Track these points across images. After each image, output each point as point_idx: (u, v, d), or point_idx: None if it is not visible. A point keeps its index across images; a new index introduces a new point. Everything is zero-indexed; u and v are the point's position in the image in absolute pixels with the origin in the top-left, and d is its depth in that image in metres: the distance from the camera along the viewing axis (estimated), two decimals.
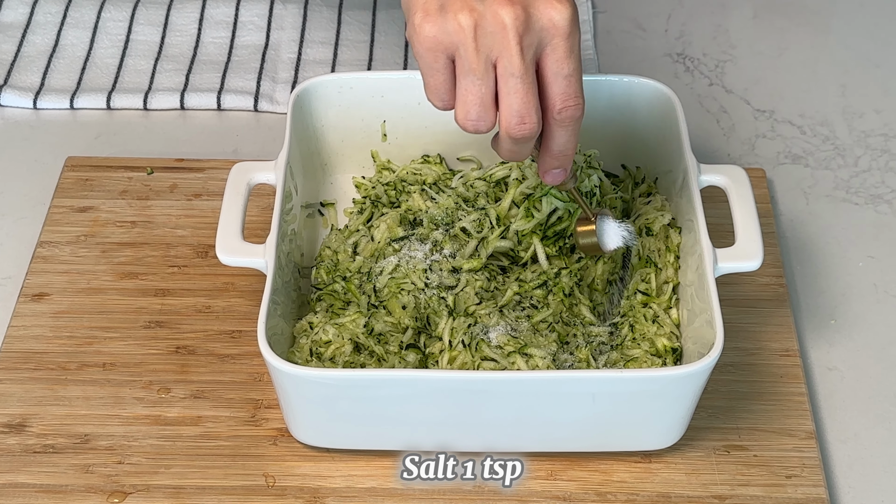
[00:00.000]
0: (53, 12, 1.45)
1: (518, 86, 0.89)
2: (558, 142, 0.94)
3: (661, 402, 1.01)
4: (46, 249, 1.20)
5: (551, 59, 0.90)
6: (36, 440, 1.07)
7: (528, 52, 0.89)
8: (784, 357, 1.13)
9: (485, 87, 0.90)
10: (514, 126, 0.91)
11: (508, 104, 0.90)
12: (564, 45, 0.90)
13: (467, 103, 0.91)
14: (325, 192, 1.23)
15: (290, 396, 1.01)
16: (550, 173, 0.97)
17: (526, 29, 0.88)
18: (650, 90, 1.17)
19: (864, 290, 1.20)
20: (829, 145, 1.34)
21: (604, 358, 1.07)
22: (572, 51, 0.90)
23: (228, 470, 1.05)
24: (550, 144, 0.95)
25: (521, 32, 0.88)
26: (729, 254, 1.05)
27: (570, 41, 0.90)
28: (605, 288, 1.13)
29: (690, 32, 1.46)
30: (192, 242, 1.21)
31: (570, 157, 0.96)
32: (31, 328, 1.14)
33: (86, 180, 1.26)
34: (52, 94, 1.36)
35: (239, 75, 1.39)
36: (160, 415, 1.08)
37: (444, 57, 0.90)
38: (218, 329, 1.14)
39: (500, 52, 0.89)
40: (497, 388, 0.98)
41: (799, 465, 1.06)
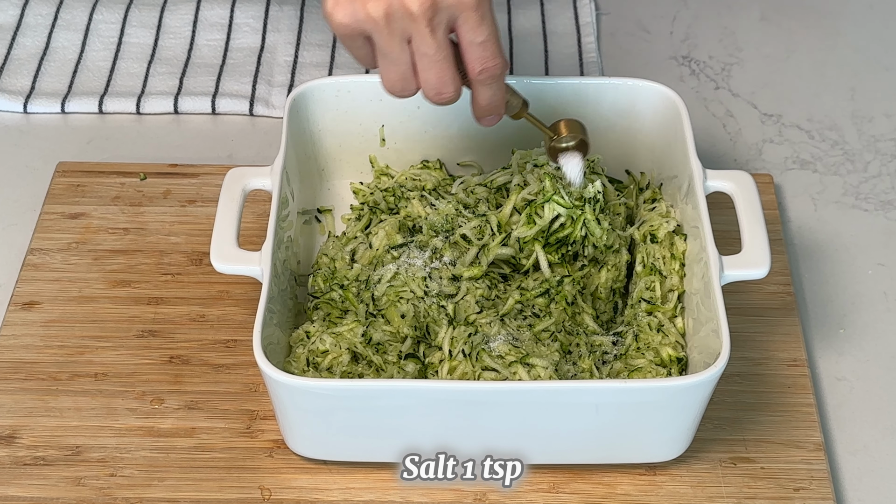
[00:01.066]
0: (44, 14, 1.45)
1: (431, 63, 0.98)
2: (485, 97, 1.03)
3: (666, 413, 1.01)
4: (37, 257, 1.20)
5: (464, 29, 0.98)
6: (26, 452, 1.06)
7: (439, 29, 0.97)
8: (792, 367, 1.12)
9: (402, 64, 0.99)
10: (433, 97, 1.00)
11: (425, 79, 0.99)
12: (474, 15, 0.97)
13: (390, 79, 1.00)
14: (322, 198, 1.23)
15: (286, 407, 1.01)
16: (485, 119, 1.05)
17: (434, 10, 0.96)
18: (655, 94, 1.17)
19: (873, 298, 1.20)
20: (838, 150, 1.34)
21: (607, 368, 1.07)
22: (483, 18, 0.98)
23: (223, 483, 1.05)
24: (479, 100, 1.03)
25: (430, 15, 0.96)
26: (735, 261, 1.05)
27: (479, 11, 0.97)
28: (608, 296, 1.12)
29: (696, 35, 1.46)
30: (186, 250, 1.21)
31: (501, 106, 1.04)
32: (21, 337, 1.14)
33: (77, 186, 1.26)
34: (42, 98, 1.36)
35: (234, 78, 1.39)
36: (153, 426, 1.08)
37: (360, 38, 0.98)
38: (212, 338, 1.14)
39: (411, 33, 0.97)
40: (498, 399, 0.98)
41: (807, 477, 1.05)
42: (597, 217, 1.10)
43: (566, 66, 1.41)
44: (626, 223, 1.16)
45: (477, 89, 1.02)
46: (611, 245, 1.11)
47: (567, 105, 1.18)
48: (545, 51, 1.42)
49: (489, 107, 1.04)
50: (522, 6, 1.47)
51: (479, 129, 1.18)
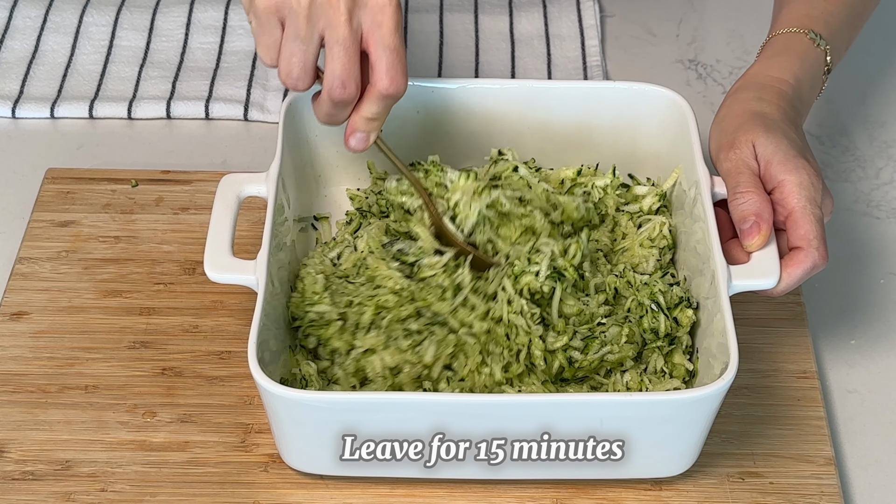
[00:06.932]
0: (33, 16, 1.45)
1: (342, 54, 1.02)
2: (373, 110, 1.06)
3: (673, 426, 1.01)
4: (26, 266, 1.20)
5: (378, 34, 1.02)
6: (14, 467, 1.07)
7: (355, 22, 1.02)
8: (801, 379, 1.13)
9: (309, 52, 1.02)
10: (335, 89, 1.03)
11: (332, 69, 1.02)
12: (390, 21, 1.02)
13: (291, 64, 1.03)
14: (318, 205, 1.23)
15: (281, 420, 1.01)
16: (356, 136, 1.08)
17: (354, 5, 1.01)
18: (661, 98, 1.18)
19: (885, 308, 1.21)
20: (849, 156, 1.34)
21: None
22: (398, 28, 1.03)
23: (217, 498, 1.05)
24: (364, 110, 1.06)
25: (351, 7, 1.01)
26: (743, 271, 1.05)
27: (395, 18, 1.02)
28: None
29: (703, 38, 1.47)
30: (178, 258, 1.21)
31: (379, 127, 1.08)
32: (9, 349, 1.14)
33: (67, 193, 1.26)
34: (31, 103, 1.36)
35: (228, 83, 1.39)
36: (145, 440, 1.09)
37: (276, 21, 1.02)
38: (206, 350, 1.15)
39: (328, 22, 1.01)
40: (500, 412, 0.99)
41: (817, 492, 1.06)
42: None
43: (569, 70, 1.41)
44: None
45: (372, 100, 1.05)
46: None
47: (570, 110, 1.19)
48: (548, 54, 1.43)
49: (371, 122, 1.06)
50: (524, 9, 1.48)
51: (477, 135, 1.19)
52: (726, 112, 1.13)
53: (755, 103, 1.12)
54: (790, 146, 1.08)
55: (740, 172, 1.08)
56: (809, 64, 1.16)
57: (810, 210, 1.06)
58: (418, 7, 1.48)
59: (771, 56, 1.17)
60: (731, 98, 1.15)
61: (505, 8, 1.48)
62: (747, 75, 1.16)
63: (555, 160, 1.22)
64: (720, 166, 1.10)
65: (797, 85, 1.15)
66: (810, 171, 1.07)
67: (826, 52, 1.17)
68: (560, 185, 1.19)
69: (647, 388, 1.07)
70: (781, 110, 1.12)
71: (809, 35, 1.16)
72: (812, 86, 1.17)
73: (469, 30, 1.46)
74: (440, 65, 1.42)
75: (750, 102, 1.12)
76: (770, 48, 1.18)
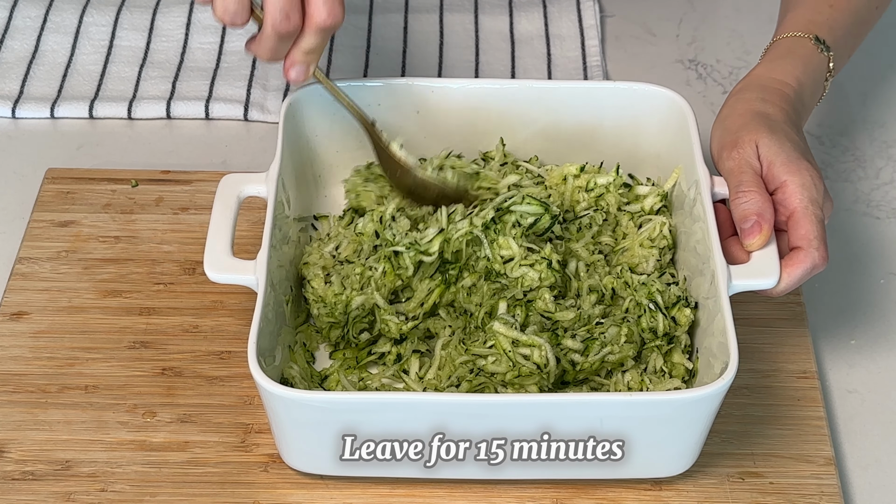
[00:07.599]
0: (33, 16, 1.46)
1: None
2: (312, 42, 1.06)
3: (673, 426, 1.01)
4: (25, 266, 1.21)
5: None
6: (14, 467, 1.07)
7: None
8: (801, 379, 1.13)
9: None
10: (280, 22, 1.03)
11: (274, 1, 1.03)
12: None
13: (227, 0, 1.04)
14: (318, 204, 1.24)
15: (281, 420, 1.01)
16: (296, 68, 1.08)
17: None
18: (661, 98, 1.18)
19: (885, 308, 1.21)
20: (850, 156, 1.35)
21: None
22: None
23: (217, 498, 1.05)
24: (303, 43, 1.07)
25: None
26: (743, 271, 1.05)
27: None
28: None
29: (703, 38, 1.47)
30: (178, 258, 1.22)
31: (317, 59, 1.09)
32: (9, 349, 1.15)
33: (67, 193, 1.27)
34: (31, 103, 1.37)
35: (228, 83, 1.39)
36: (145, 440, 1.09)
37: None
38: (206, 350, 1.15)
39: None
40: (500, 412, 0.99)
41: (817, 492, 1.06)
42: None
43: (569, 70, 1.42)
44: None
45: (310, 34, 1.06)
46: None
47: (570, 110, 1.19)
48: (548, 54, 1.43)
49: (311, 53, 1.07)
50: (524, 9, 1.48)
51: (477, 133, 1.20)
52: (729, 111, 1.14)
53: (758, 104, 1.13)
54: (793, 148, 1.09)
55: (743, 172, 1.08)
56: (812, 69, 1.17)
57: (812, 210, 1.06)
58: (418, 7, 1.48)
59: (774, 59, 1.17)
60: (734, 98, 1.15)
61: (505, 8, 1.48)
62: (750, 76, 1.17)
63: (554, 160, 1.22)
64: (722, 165, 1.11)
65: (799, 88, 1.15)
66: (813, 174, 1.07)
67: (829, 58, 1.17)
68: (562, 182, 1.19)
69: (647, 388, 1.07)
70: (784, 112, 1.12)
71: (813, 40, 1.17)
72: (814, 90, 1.17)
73: (469, 30, 1.46)
74: (440, 65, 1.42)
75: (753, 103, 1.13)
76: (774, 51, 1.18)
